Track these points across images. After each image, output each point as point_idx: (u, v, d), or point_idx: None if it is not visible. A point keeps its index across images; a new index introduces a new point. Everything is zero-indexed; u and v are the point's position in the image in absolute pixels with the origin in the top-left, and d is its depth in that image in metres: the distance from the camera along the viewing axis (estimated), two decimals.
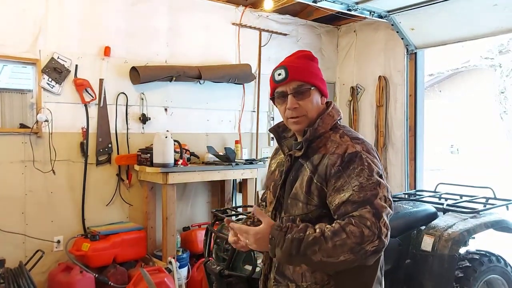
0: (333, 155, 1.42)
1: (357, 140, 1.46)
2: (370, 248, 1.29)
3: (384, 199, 1.36)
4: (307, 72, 1.51)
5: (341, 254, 1.28)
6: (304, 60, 1.55)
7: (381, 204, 1.34)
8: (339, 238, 1.28)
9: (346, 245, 1.28)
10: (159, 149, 3.65)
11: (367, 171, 1.37)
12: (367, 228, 1.29)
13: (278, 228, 1.35)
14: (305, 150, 1.50)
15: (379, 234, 1.30)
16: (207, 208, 4.54)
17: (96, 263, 3.41)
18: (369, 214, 1.31)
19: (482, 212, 2.92)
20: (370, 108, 5.20)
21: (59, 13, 3.58)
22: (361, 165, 1.38)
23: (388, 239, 1.33)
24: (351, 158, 1.40)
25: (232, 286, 2.46)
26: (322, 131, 1.51)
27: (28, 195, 3.49)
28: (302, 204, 1.46)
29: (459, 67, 12.55)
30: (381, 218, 1.32)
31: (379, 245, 1.30)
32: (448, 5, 4.05)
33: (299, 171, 1.51)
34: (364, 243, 1.28)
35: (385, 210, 1.34)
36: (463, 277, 2.70)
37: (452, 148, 14.71)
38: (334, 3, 4.12)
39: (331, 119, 1.53)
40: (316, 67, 1.57)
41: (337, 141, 1.46)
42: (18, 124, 3.52)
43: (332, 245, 1.28)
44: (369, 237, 1.28)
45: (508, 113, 11.91)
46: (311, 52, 1.60)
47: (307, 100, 1.50)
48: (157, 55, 4.12)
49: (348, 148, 1.42)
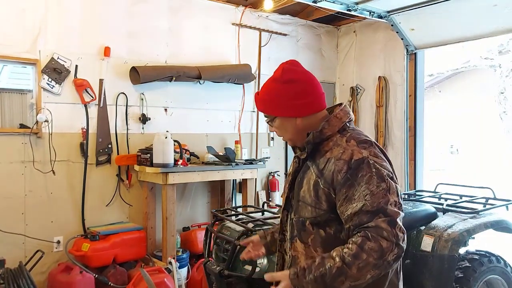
0: (339, 161, 1.41)
1: (364, 144, 1.44)
2: (392, 257, 1.30)
3: (395, 203, 1.36)
4: (268, 103, 1.54)
5: (367, 274, 1.29)
6: (272, 85, 1.53)
7: (394, 210, 1.34)
8: (361, 260, 1.29)
9: (369, 264, 1.29)
10: (159, 149, 3.65)
11: (376, 178, 1.36)
12: (384, 239, 1.30)
13: (295, 275, 1.37)
14: (311, 152, 1.51)
15: (397, 242, 1.30)
16: (207, 208, 4.54)
17: (96, 263, 3.41)
18: (384, 223, 1.31)
19: (482, 212, 2.92)
20: (370, 108, 5.20)
21: (59, 13, 3.59)
22: (369, 172, 1.37)
23: (405, 242, 1.34)
24: (358, 165, 1.38)
25: (232, 286, 2.46)
26: (329, 133, 1.49)
27: (28, 195, 3.49)
28: (311, 208, 1.46)
29: (459, 67, 12.54)
30: (396, 224, 1.32)
31: (398, 252, 1.31)
32: (448, 5, 4.06)
33: (305, 173, 1.51)
34: (385, 255, 1.29)
35: (398, 216, 1.34)
36: (463, 277, 2.70)
37: (452, 148, 14.70)
38: (334, 3, 4.12)
39: (338, 121, 1.50)
40: (283, 91, 1.50)
41: (343, 145, 1.44)
42: (18, 124, 3.52)
43: (356, 269, 1.29)
44: (388, 248, 1.29)
45: (508, 113, 11.90)
46: (289, 66, 1.54)
47: (276, 127, 1.57)
48: (157, 55, 4.13)
49: (354, 154, 1.40)
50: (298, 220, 1.50)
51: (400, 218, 1.35)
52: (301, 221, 1.49)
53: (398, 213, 1.35)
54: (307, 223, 1.47)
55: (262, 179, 4.91)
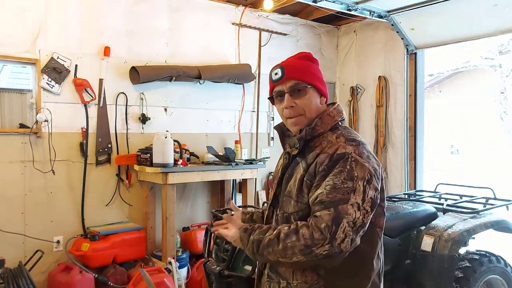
0: (323, 154, 1.42)
1: (351, 142, 1.43)
2: (322, 252, 1.29)
3: (357, 206, 1.32)
4: (304, 71, 1.51)
5: (293, 256, 1.32)
6: (302, 60, 1.55)
7: (347, 210, 1.31)
8: (290, 240, 1.33)
9: (295, 247, 1.32)
10: (159, 149, 3.65)
11: (345, 174, 1.35)
12: (319, 231, 1.30)
13: (244, 230, 1.47)
14: (302, 148, 1.50)
15: (331, 240, 1.28)
16: (207, 208, 4.53)
17: (96, 263, 3.41)
18: (328, 217, 1.30)
19: (482, 212, 2.92)
20: (370, 108, 5.20)
21: (59, 13, 3.58)
22: (342, 167, 1.36)
23: (348, 247, 1.30)
24: (337, 158, 1.38)
25: (232, 286, 2.46)
26: (321, 131, 1.49)
27: (27, 195, 3.49)
28: (294, 202, 1.46)
29: (459, 67, 12.54)
30: (341, 224, 1.29)
31: (330, 250, 1.29)
32: (448, 5, 4.05)
33: (294, 169, 1.51)
34: (313, 246, 1.29)
35: (348, 217, 1.30)
36: (463, 277, 2.70)
37: (452, 148, 14.70)
38: (334, 3, 4.12)
39: (330, 120, 1.51)
40: (315, 67, 1.56)
41: (333, 141, 1.45)
42: (18, 124, 3.52)
43: (283, 247, 1.34)
44: (319, 241, 1.29)
45: (508, 113, 11.90)
46: (312, 54, 1.59)
47: (303, 98, 1.49)
48: (157, 55, 4.12)
49: (339, 149, 1.40)
50: (283, 216, 1.50)
51: (352, 221, 1.30)
52: (285, 216, 1.49)
53: (349, 215, 1.30)
54: (291, 218, 1.46)
55: (262, 179, 4.91)
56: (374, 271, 1.47)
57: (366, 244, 1.41)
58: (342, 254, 1.31)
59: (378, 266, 1.50)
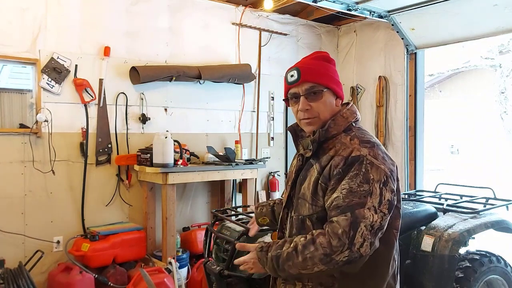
0: (338, 157, 1.40)
1: (366, 143, 1.42)
2: (342, 258, 1.28)
3: (374, 209, 1.31)
4: (320, 73, 1.49)
5: (314, 266, 1.31)
6: (318, 61, 1.53)
7: (364, 214, 1.30)
8: (308, 251, 1.31)
9: (315, 257, 1.30)
10: (159, 149, 3.65)
11: (361, 177, 1.34)
12: (336, 237, 1.28)
13: (260, 249, 1.45)
14: (315, 150, 1.49)
15: (350, 245, 1.27)
16: (207, 208, 4.53)
17: (96, 263, 3.40)
18: (345, 222, 1.29)
19: (482, 212, 2.92)
20: (370, 108, 5.20)
21: (59, 13, 3.58)
22: (358, 170, 1.35)
23: (367, 250, 1.29)
24: (353, 161, 1.37)
25: (232, 286, 2.45)
26: (334, 132, 1.48)
27: (27, 195, 3.49)
28: (309, 205, 1.45)
29: (459, 67, 12.55)
30: (358, 228, 1.28)
31: (350, 256, 1.28)
32: (448, 5, 4.05)
33: (308, 171, 1.50)
34: (333, 253, 1.28)
35: (365, 221, 1.29)
36: (463, 277, 2.69)
37: (452, 148, 14.70)
38: (334, 3, 4.12)
39: (344, 121, 1.50)
40: (332, 68, 1.54)
41: (347, 143, 1.44)
42: (18, 124, 3.52)
43: (302, 259, 1.32)
44: (338, 248, 1.28)
45: (508, 113, 11.90)
46: (328, 54, 1.58)
47: (319, 101, 1.48)
48: (157, 55, 4.12)
49: (353, 151, 1.39)
50: (298, 218, 1.49)
51: (370, 224, 1.30)
52: (300, 219, 1.48)
53: (367, 218, 1.29)
54: (306, 220, 1.46)
55: (262, 179, 4.90)
56: (389, 272, 1.46)
57: (382, 246, 1.39)
58: (362, 259, 1.30)
59: (393, 268, 1.49)
